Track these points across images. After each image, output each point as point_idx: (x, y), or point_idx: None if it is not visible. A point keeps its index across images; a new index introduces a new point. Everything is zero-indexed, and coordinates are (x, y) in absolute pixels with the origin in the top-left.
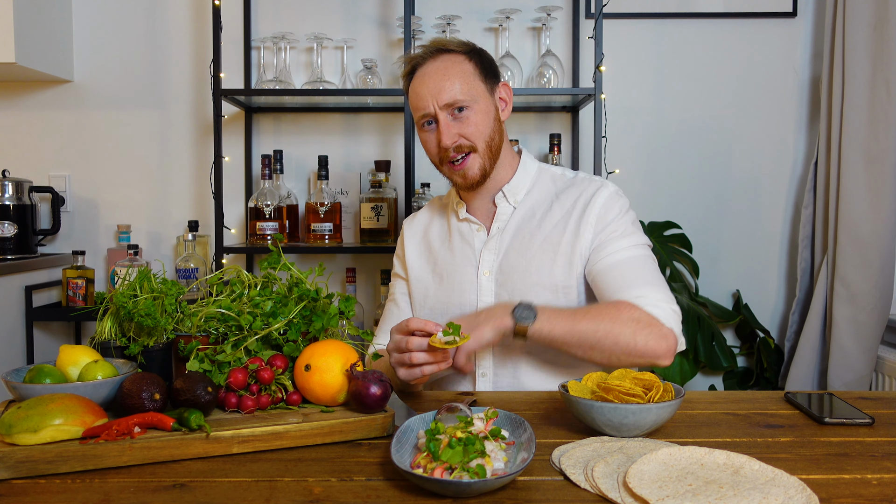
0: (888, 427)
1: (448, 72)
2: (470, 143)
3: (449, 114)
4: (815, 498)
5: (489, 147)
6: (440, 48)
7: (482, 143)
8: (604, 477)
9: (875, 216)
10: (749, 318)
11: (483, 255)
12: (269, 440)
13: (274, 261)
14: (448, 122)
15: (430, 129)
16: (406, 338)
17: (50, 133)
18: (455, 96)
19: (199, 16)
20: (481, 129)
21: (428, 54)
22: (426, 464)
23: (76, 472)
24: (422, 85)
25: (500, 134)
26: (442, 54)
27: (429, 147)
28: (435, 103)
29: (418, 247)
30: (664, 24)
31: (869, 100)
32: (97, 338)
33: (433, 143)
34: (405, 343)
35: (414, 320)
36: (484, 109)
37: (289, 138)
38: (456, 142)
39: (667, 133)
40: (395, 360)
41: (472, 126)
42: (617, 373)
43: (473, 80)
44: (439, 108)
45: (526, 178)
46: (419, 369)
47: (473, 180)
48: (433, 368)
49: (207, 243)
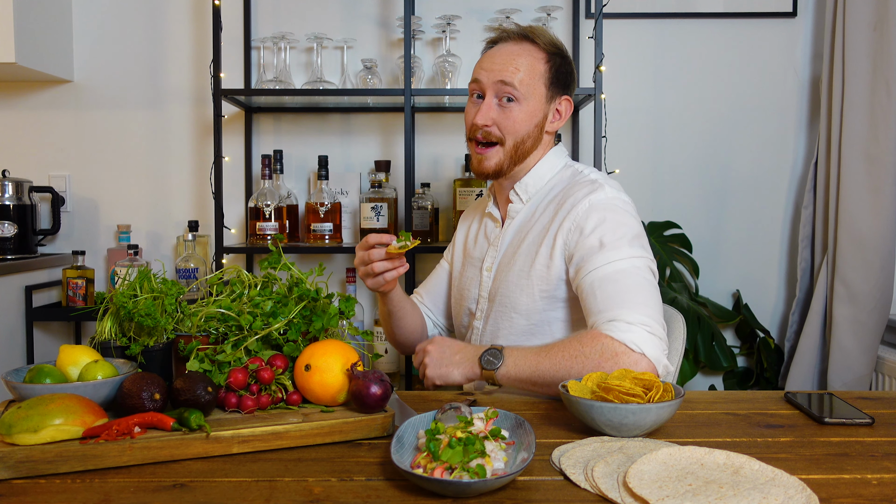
0: (888, 427)
1: (519, 59)
2: (499, 136)
3: (496, 96)
4: (815, 498)
5: (516, 148)
6: (528, 35)
7: (511, 140)
8: (604, 477)
9: (875, 216)
10: (749, 318)
11: (489, 251)
12: (269, 440)
13: (274, 261)
14: (492, 104)
15: (475, 102)
16: (368, 252)
17: (50, 133)
18: (511, 81)
19: (199, 16)
20: (518, 127)
21: (513, 35)
22: (426, 464)
23: (76, 472)
24: (490, 57)
25: (534, 140)
26: (526, 42)
27: (467, 117)
28: (490, 78)
29: (463, 235)
30: (664, 24)
31: (869, 100)
32: (97, 338)
33: (471, 115)
34: (368, 256)
35: (371, 236)
36: (531, 111)
37: (289, 138)
38: (488, 126)
39: (667, 133)
40: (362, 272)
41: (510, 120)
42: (617, 373)
43: (538, 80)
44: (491, 85)
45: (543, 174)
46: (381, 277)
47: (486, 171)
48: (393, 274)
49: (207, 243)
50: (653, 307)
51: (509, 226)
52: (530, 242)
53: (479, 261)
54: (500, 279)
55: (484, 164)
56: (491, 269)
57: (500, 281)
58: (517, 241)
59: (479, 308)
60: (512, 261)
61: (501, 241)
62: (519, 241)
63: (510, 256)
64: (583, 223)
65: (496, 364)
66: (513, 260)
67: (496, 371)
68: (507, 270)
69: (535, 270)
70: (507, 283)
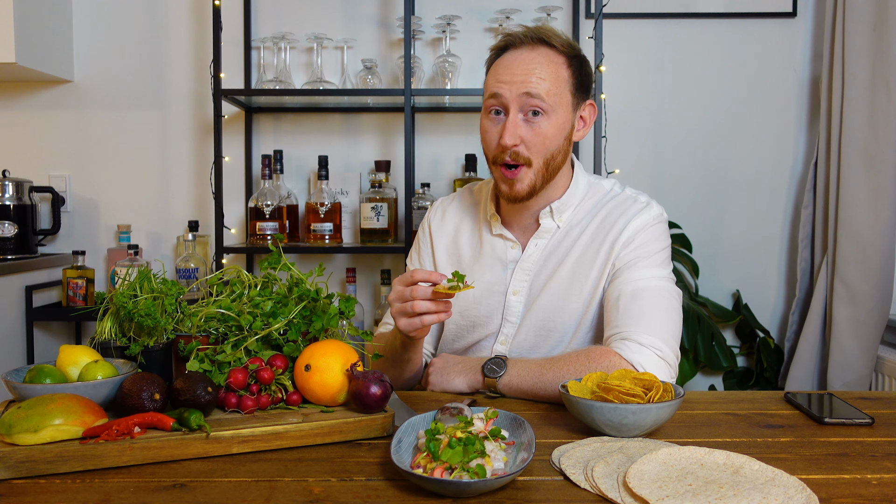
0: (888, 427)
1: (541, 67)
2: (527, 156)
3: (522, 112)
4: (815, 498)
5: (547, 166)
6: (543, 38)
7: (541, 159)
8: (604, 477)
9: (875, 216)
10: (749, 318)
11: (515, 274)
12: (269, 440)
13: (274, 261)
14: (518, 120)
15: (496, 120)
16: (410, 287)
17: (50, 133)
18: (539, 92)
19: (199, 16)
20: (548, 144)
21: (527, 39)
22: (426, 464)
23: (76, 472)
24: (507, 68)
25: (564, 154)
26: (542, 46)
27: (487, 137)
28: (513, 91)
29: (448, 249)
30: (664, 24)
31: (869, 100)
32: (97, 338)
33: (494, 135)
34: (409, 292)
35: (419, 271)
36: (560, 123)
37: (289, 138)
38: (517, 145)
39: (667, 133)
40: (397, 309)
41: (539, 137)
42: (617, 373)
43: (564, 88)
44: (515, 98)
45: (576, 194)
46: (419, 319)
47: (520, 195)
48: (433, 318)
49: (207, 243)
50: (670, 332)
51: (537, 247)
52: (575, 264)
53: (493, 283)
54: (538, 305)
55: (517, 186)
56: (519, 293)
57: (539, 308)
58: (553, 264)
59: (504, 333)
60: (550, 285)
61: (529, 263)
62: (556, 264)
63: (546, 280)
64: (633, 238)
65: (499, 372)
66: (551, 284)
67: (498, 379)
68: (547, 295)
69: (586, 296)
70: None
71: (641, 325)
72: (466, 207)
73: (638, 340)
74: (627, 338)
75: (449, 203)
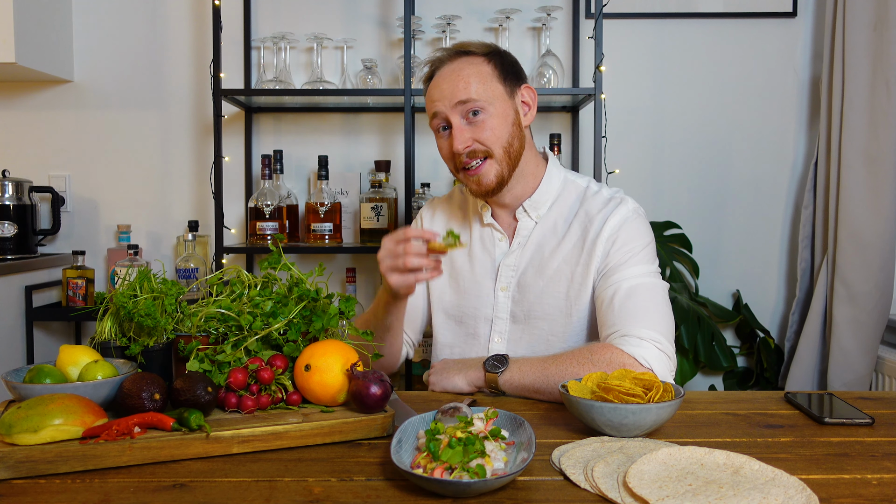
0: (888, 427)
1: (463, 72)
2: (485, 149)
3: (463, 117)
4: (815, 498)
5: (507, 153)
6: (459, 50)
7: (499, 148)
8: (604, 477)
9: (875, 216)
10: (749, 318)
11: (501, 270)
12: (269, 440)
13: (274, 261)
14: (462, 126)
15: (445, 135)
16: (403, 244)
17: (50, 133)
18: (469, 95)
19: (199, 16)
20: (497, 133)
21: (447, 57)
22: (426, 464)
23: (76, 472)
24: (437, 87)
25: (520, 140)
26: (461, 56)
27: (444, 153)
28: (447, 105)
29: None
30: (664, 24)
31: (869, 100)
32: (97, 338)
33: (447, 149)
34: (402, 248)
35: (410, 228)
36: (501, 113)
37: (289, 138)
38: (470, 147)
39: (667, 133)
40: (388, 265)
41: (487, 130)
42: (617, 373)
43: (491, 81)
44: (451, 110)
45: (550, 190)
46: (413, 275)
47: (488, 188)
48: (425, 276)
49: (207, 243)
50: (665, 325)
51: (526, 244)
52: (562, 262)
53: (482, 277)
54: (526, 300)
55: (484, 180)
56: (507, 289)
57: (529, 303)
58: (538, 261)
59: (496, 330)
60: (538, 281)
61: (519, 260)
62: (541, 261)
63: (533, 277)
64: (614, 238)
65: (500, 368)
66: (539, 280)
67: (499, 375)
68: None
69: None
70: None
71: (639, 321)
72: (456, 204)
73: (637, 335)
74: (627, 334)
75: (440, 202)
